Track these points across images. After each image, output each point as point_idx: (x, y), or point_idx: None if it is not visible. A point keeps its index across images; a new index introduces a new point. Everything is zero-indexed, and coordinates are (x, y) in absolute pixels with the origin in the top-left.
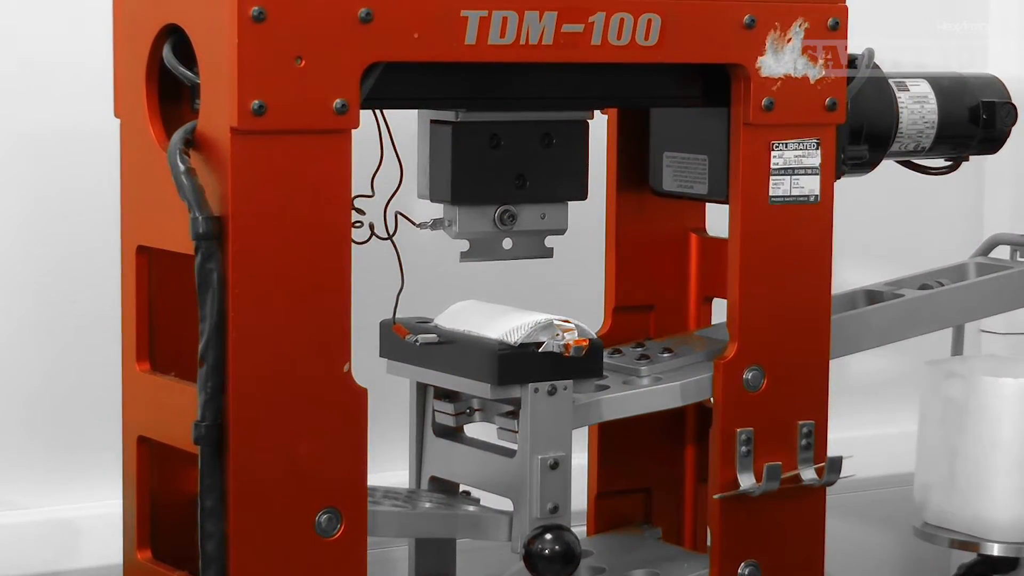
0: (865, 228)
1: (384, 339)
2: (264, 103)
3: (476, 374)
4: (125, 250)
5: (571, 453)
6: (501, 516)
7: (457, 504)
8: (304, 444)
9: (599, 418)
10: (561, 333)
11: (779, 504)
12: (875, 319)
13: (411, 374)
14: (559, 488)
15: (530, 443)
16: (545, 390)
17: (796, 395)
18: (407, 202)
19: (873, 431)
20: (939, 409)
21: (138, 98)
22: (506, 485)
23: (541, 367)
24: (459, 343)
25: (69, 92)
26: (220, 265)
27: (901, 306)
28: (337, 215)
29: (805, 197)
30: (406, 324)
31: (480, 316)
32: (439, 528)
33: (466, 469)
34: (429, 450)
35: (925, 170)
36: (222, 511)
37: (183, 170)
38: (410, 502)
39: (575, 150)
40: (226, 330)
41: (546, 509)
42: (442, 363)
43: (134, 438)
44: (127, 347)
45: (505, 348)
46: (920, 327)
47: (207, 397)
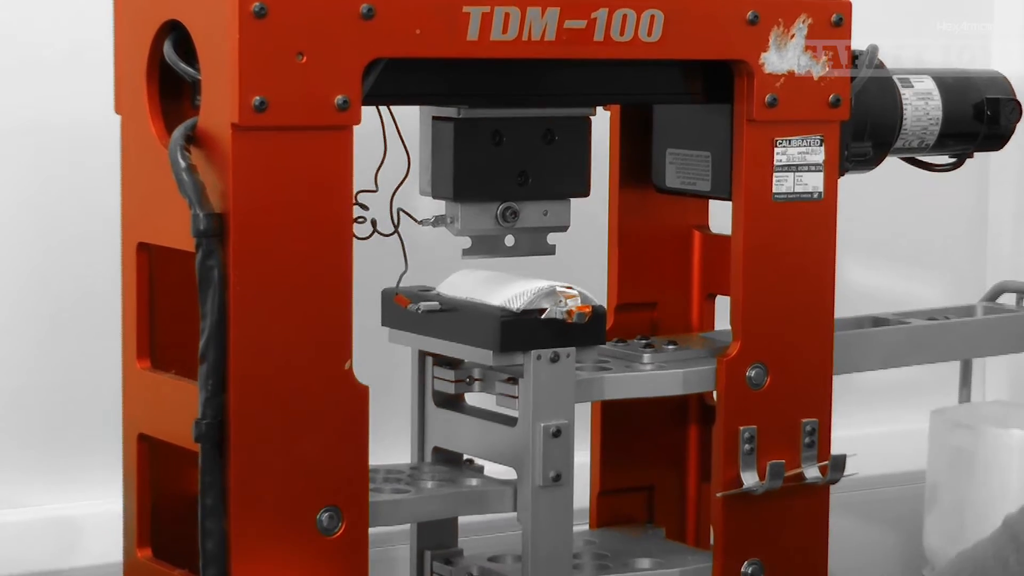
0: (868, 225)
1: (386, 308)
2: (265, 99)
3: (478, 341)
4: (125, 247)
5: (574, 421)
6: (504, 488)
7: (459, 478)
8: (305, 442)
9: (600, 395)
10: (564, 300)
11: (783, 503)
12: (879, 341)
13: (413, 342)
14: (561, 456)
15: (532, 411)
16: (548, 357)
17: (799, 393)
18: (409, 199)
19: (877, 429)
20: (947, 459)
21: (139, 94)
22: (509, 454)
23: (544, 334)
24: (461, 310)
25: (69, 88)
26: (221, 262)
27: (906, 332)
28: (338, 212)
29: (808, 194)
30: (408, 293)
31: (482, 283)
32: (442, 509)
33: (468, 439)
34: (431, 421)
35: (929, 167)
36: (222, 509)
37: (184, 167)
38: (412, 482)
39: (578, 147)
40: (227, 327)
41: (548, 477)
42: (444, 330)
43: (134, 436)
44: (127, 344)
45: (507, 315)
46: (923, 355)
47: (208, 395)
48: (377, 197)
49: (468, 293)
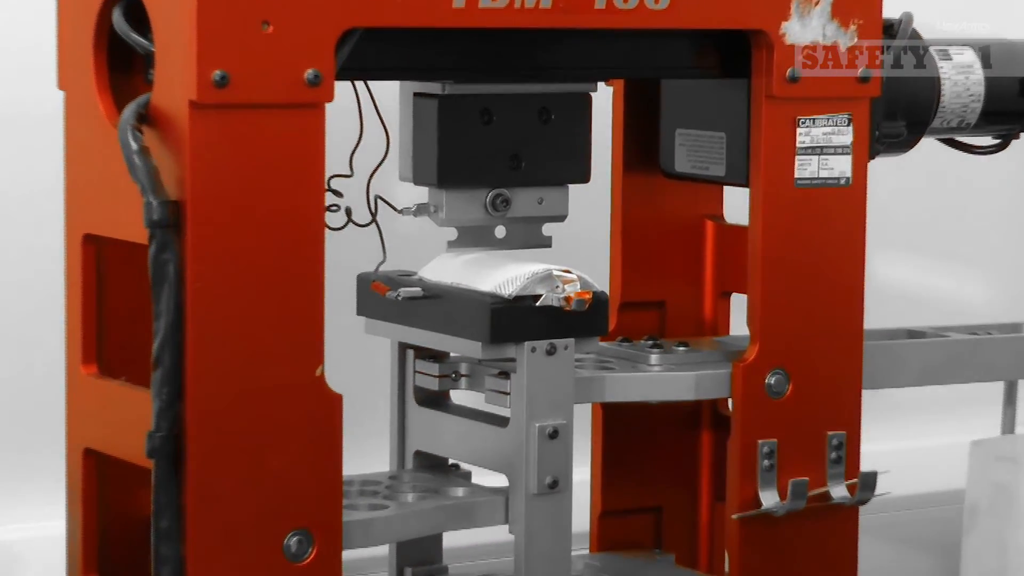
0: (901, 215)
1: (362, 295)
2: (227, 74)
3: (465, 331)
4: (70, 239)
5: (572, 422)
6: (494, 497)
7: (444, 488)
8: (272, 457)
9: (601, 397)
10: (561, 285)
11: (806, 525)
12: (913, 356)
13: (391, 333)
14: (559, 460)
15: (526, 410)
16: (543, 349)
17: (825, 402)
18: (388, 185)
19: (912, 443)
20: (987, 496)
21: (85, 68)
22: (500, 458)
23: (539, 323)
24: (446, 297)
25: (7, 62)
26: (177, 256)
27: (944, 347)
28: (309, 199)
29: (835, 179)
30: (386, 279)
31: (470, 267)
32: (424, 526)
33: (454, 441)
34: (412, 422)
35: (970, 149)
36: (179, 533)
37: (135, 149)
38: (391, 495)
39: (576, 127)
40: (184, 329)
41: (544, 484)
42: (426, 320)
43: (80, 451)
44: (72, 348)
45: (498, 302)
46: (963, 373)
47: (162, 405)
48: (352, 183)
49: (454, 278)
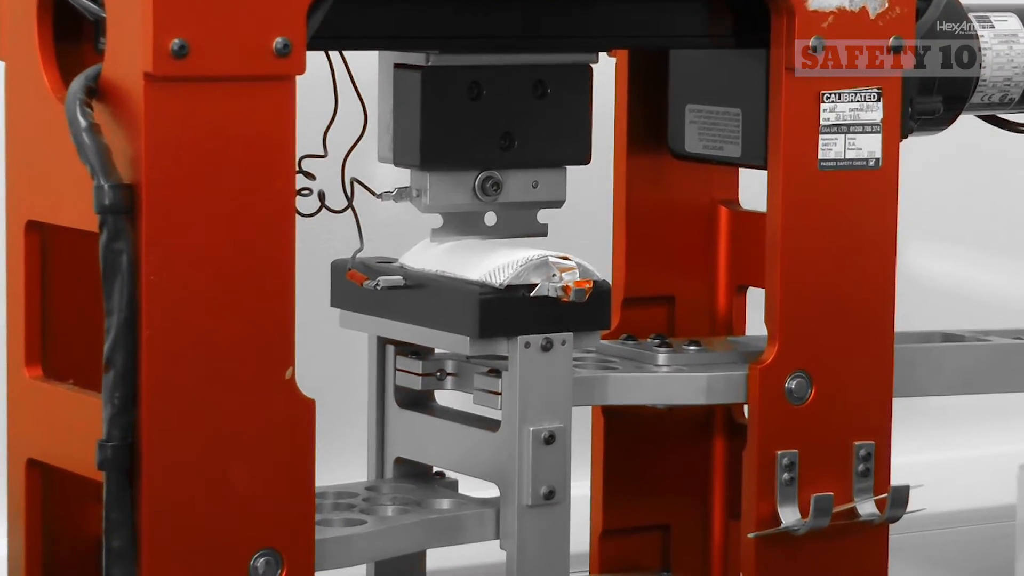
0: (938, 201)
1: (336, 284)
2: (186, 43)
3: (452, 325)
4: (11, 227)
5: (570, 425)
6: (484, 510)
7: (428, 499)
8: (236, 469)
9: (602, 399)
10: (558, 273)
11: (830, 545)
12: (950, 361)
13: (370, 327)
14: (556, 468)
15: (519, 412)
16: (538, 344)
17: (851, 408)
18: (366, 167)
19: (950, 454)
20: None
21: (28, 35)
22: (490, 466)
23: (533, 316)
24: (430, 287)
25: None
26: (131, 245)
27: (985, 352)
28: (278, 182)
29: (863, 161)
30: (364, 267)
31: (457, 253)
32: (405, 543)
33: (439, 447)
34: (392, 425)
35: (1014, 127)
36: (133, 554)
37: (84, 126)
38: (369, 508)
39: (575, 103)
40: (138, 327)
41: (539, 494)
42: (409, 312)
43: (23, 462)
44: (13, 348)
45: (488, 291)
46: (1006, 382)
47: (114, 411)
48: (325, 164)
49: (439, 266)
